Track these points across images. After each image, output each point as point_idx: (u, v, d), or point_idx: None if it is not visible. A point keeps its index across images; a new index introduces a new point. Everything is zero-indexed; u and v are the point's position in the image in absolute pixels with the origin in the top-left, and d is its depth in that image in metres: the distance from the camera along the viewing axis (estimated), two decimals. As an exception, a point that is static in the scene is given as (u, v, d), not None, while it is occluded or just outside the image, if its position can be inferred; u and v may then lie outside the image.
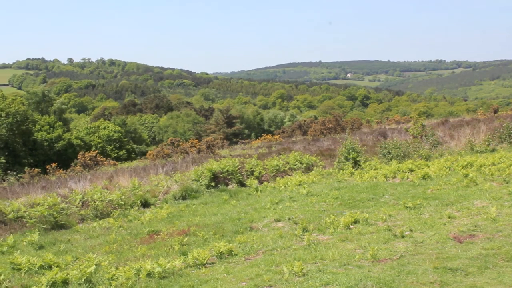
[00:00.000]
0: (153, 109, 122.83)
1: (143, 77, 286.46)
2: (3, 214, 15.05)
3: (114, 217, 15.20)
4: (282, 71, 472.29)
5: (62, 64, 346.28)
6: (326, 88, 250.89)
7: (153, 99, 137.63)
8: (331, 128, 46.81)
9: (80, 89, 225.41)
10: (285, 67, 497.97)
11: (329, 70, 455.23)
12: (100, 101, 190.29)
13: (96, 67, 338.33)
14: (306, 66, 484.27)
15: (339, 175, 18.61)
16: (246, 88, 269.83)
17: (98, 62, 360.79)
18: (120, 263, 9.78)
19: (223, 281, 8.11)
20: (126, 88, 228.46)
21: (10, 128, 64.02)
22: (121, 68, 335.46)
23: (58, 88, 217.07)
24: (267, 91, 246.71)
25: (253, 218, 12.92)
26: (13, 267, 9.93)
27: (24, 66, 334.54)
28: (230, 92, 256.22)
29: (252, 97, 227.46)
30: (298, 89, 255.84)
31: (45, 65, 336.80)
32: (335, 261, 8.44)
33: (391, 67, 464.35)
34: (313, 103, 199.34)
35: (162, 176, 21.19)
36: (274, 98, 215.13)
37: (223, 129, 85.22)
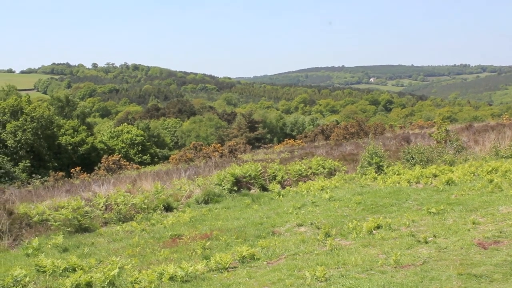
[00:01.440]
0: (176, 113, 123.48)
1: (166, 81, 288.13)
2: (29, 217, 15.23)
3: (137, 221, 15.29)
4: (305, 76, 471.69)
5: (87, 69, 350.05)
6: (349, 93, 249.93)
7: (176, 103, 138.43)
8: (353, 132, 46.58)
9: (104, 93, 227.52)
10: (307, 71, 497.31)
11: (352, 74, 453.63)
12: (124, 105, 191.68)
13: (120, 72, 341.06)
14: (329, 71, 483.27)
15: (362, 180, 18.51)
16: (268, 92, 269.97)
17: (122, 67, 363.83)
18: (143, 267, 9.83)
19: (245, 285, 8.11)
20: (149, 93, 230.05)
21: (35, 132, 64.84)
22: (144, 73, 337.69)
23: (83, 93, 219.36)
24: (289, 95, 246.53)
25: (276, 222, 12.90)
26: (38, 269, 10.03)
27: (49, 71, 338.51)
28: (253, 96, 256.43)
29: (275, 101, 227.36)
30: (320, 93, 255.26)
31: (70, 70, 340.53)
32: (358, 267, 8.40)
33: (414, 71, 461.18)
34: (336, 108, 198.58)
35: (185, 180, 21.26)
36: (296, 102, 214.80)
37: (246, 133, 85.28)
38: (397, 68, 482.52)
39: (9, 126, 64.48)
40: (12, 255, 12.34)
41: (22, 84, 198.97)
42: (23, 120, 64.71)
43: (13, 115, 66.48)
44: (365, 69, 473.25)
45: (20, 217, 15.09)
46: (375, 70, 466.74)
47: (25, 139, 63.81)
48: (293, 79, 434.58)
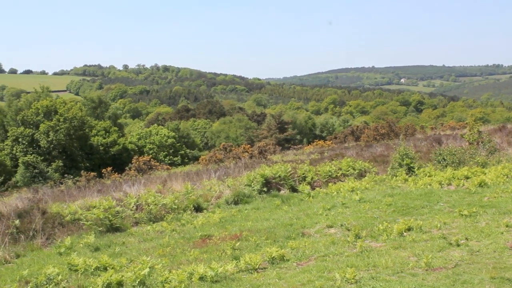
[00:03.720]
0: (206, 114, 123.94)
1: (196, 82, 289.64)
2: (61, 216, 15.45)
3: (168, 221, 15.40)
4: (335, 77, 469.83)
5: (118, 71, 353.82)
6: (379, 94, 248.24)
7: (206, 104, 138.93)
8: (384, 134, 46.26)
9: (134, 94, 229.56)
10: (337, 72, 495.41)
11: (382, 75, 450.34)
12: (154, 106, 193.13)
13: (151, 73, 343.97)
14: (359, 71, 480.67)
15: (393, 182, 18.38)
16: (298, 93, 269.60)
17: (153, 68, 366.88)
18: (173, 266, 9.89)
19: (275, 286, 8.11)
20: (179, 94, 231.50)
21: (68, 133, 65.71)
22: (174, 74, 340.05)
23: (114, 94, 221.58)
24: (319, 96, 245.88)
25: (305, 224, 12.88)
26: (70, 268, 10.18)
27: (81, 73, 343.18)
28: (282, 97, 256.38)
29: (304, 102, 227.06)
30: (350, 94, 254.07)
31: (101, 72, 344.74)
32: (388, 269, 8.33)
33: (446, 72, 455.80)
34: (366, 109, 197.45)
35: (215, 181, 21.35)
36: (326, 103, 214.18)
37: (275, 134, 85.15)
38: (428, 68, 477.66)
39: (42, 126, 65.44)
40: (45, 253, 12.55)
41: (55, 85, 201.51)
42: (56, 121, 65.62)
43: (47, 115, 67.47)
44: (395, 69, 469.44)
45: (53, 217, 15.32)
46: (405, 71, 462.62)
47: (57, 140, 64.70)
48: (323, 80, 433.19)
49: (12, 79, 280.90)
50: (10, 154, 64.76)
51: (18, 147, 65.13)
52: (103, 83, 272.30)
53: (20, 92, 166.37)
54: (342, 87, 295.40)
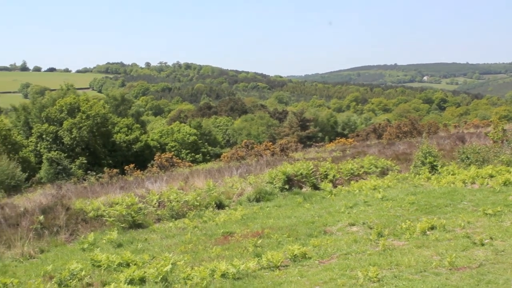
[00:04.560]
0: (228, 111, 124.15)
1: (218, 80, 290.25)
2: (84, 212, 15.58)
3: (190, 218, 15.45)
4: (357, 74, 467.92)
5: (140, 68, 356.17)
6: (402, 91, 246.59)
7: (228, 101, 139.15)
8: (406, 131, 45.99)
9: (157, 92, 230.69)
10: (359, 69, 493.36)
11: (404, 72, 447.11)
12: (176, 104, 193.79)
13: (172, 71, 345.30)
14: (381, 69, 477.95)
15: (415, 180, 18.24)
16: (320, 91, 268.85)
17: (174, 66, 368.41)
18: (195, 263, 9.93)
19: (297, 284, 8.10)
20: (201, 91, 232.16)
21: (91, 130, 66.29)
22: (196, 72, 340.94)
23: (136, 91, 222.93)
24: (341, 94, 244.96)
25: (327, 221, 12.84)
26: (93, 264, 10.27)
27: (104, 70, 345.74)
28: (304, 95, 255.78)
29: (326, 100, 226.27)
30: (373, 92, 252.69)
31: (123, 69, 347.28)
32: (411, 268, 8.27)
33: (469, 69, 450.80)
34: (388, 106, 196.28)
35: (237, 178, 21.36)
36: (348, 101, 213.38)
37: (297, 132, 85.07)
38: (451, 66, 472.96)
39: (66, 123, 66.08)
40: (68, 249, 12.67)
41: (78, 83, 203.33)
42: (80, 118, 66.22)
43: (70, 113, 68.10)
44: (418, 67, 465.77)
45: (76, 213, 15.47)
46: (428, 68, 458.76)
47: (80, 137, 65.29)
48: (345, 78, 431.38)
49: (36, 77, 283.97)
50: (34, 151, 65.53)
51: (42, 144, 65.89)
52: (125, 81, 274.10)
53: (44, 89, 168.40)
54: (364, 85, 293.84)
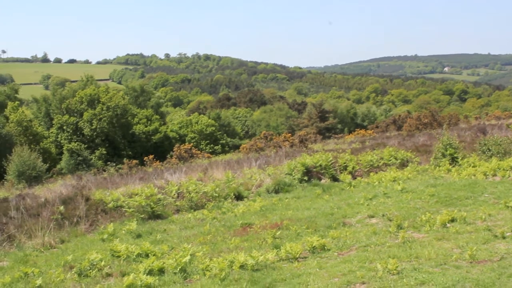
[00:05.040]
0: (247, 103, 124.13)
1: (237, 71, 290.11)
2: (104, 203, 15.68)
3: (208, 209, 15.49)
4: (377, 65, 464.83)
5: (159, 59, 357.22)
6: (422, 83, 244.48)
7: (247, 93, 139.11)
8: (426, 123, 45.69)
9: (176, 83, 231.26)
10: (379, 61, 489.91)
11: (425, 63, 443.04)
12: (195, 95, 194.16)
13: (192, 62, 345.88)
14: (401, 60, 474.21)
15: (436, 172, 18.11)
16: (339, 82, 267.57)
17: (194, 57, 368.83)
18: (214, 254, 9.95)
19: (316, 275, 8.07)
20: (220, 83, 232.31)
21: (110, 121, 66.64)
22: (215, 63, 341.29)
23: (156, 83, 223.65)
24: (360, 85, 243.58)
25: (346, 213, 12.80)
26: (113, 254, 10.33)
27: (123, 62, 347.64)
28: (323, 86, 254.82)
29: (346, 91, 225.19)
30: (392, 83, 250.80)
31: (143, 60, 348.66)
32: (431, 260, 8.20)
33: (491, 60, 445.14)
34: (408, 98, 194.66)
35: (255, 170, 21.37)
36: (368, 92, 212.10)
37: (316, 123, 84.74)
38: (472, 56, 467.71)
39: (86, 114, 66.50)
40: (88, 239, 12.76)
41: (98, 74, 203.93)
42: (100, 109, 66.61)
43: (90, 104, 68.52)
44: (439, 58, 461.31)
45: (96, 203, 15.57)
46: (449, 59, 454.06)
47: (100, 128, 65.68)
48: (365, 69, 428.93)
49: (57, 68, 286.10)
50: (55, 142, 66.10)
51: (62, 135, 66.42)
52: (145, 72, 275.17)
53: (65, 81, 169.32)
54: (384, 76, 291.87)
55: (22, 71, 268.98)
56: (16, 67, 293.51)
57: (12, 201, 16.88)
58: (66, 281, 8.99)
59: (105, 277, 9.15)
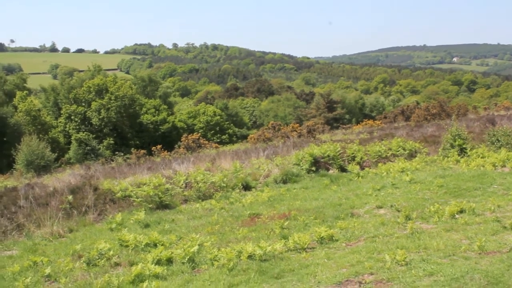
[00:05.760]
0: (255, 93, 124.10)
1: (245, 61, 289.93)
2: (112, 192, 15.73)
3: (216, 199, 15.49)
4: (385, 55, 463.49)
5: (167, 49, 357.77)
6: (431, 73, 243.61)
7: (255, 83, 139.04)
8: (435, 114, 45.55)
9: (184, 73, 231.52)
10: (388, 51, 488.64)
11: (433, 54, 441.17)
12: (203, 85, 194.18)
13: (200, 52, 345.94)
14: (410, 50, 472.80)
15: (444, 163, 18.05)
16: (347, 72, 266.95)
17: (202, 47, 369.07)
18: (222, 244, 9.95)
19: (324, 266, 8.06)
20: (228, 72, 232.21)
21: (118, 111, 66.78)
22: (223, 53, 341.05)
23: (163, 72, 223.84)
24: (369, 75, 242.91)
25: (354, 204, 12.77)
26: (121, 244, 10.36)
27: (131, 51, 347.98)
28: (331, 76, 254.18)
29: (354, 81, 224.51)
30: (401, 73, 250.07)
31: (151, 50, 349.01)
32: (440, 251, 8.17)
33: (501, 50, 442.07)
34: (417, 88, 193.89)
35: (263, 160, 21.36)
36: (376, 82, 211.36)
37: (324, 113, 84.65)
38: (482, 47, 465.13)
39: (94, 104, 66.64)
40: (97, 229, 12.81)
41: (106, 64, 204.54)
42: (108, 99, 66.73)
43: (98, 93, 68.65)
44: (447, 48, 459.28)
45: (105, 193, 15.62)
46: (458, 49, 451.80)
47: (108, 117, 65.84)
48: (373, 59, 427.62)
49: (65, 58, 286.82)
50: (63, 131, 66.37)
51: (71, 125, 66.67)
52: (153, 62, 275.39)
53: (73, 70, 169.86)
54: (392, 66, 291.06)
55: (31, 60, 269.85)
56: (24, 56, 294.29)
57: (21, 190, 16.99)
58: (75, 270, 9.04)
59: (113, 266, 9.18)
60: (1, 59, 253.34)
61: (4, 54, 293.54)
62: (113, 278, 8.20)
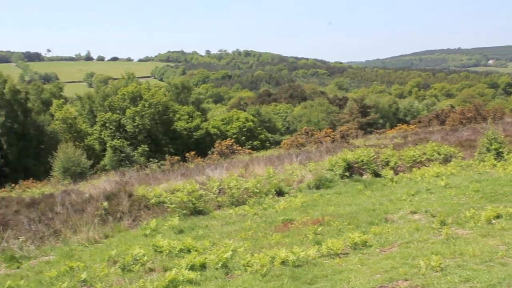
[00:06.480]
0: (288, 98, 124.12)
1: (277, 67, 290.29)
2: (146, 199, 15.87)
3: (250, 205, 15.50)
4: (419, 59, 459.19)
5: (200, 56, 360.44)
6: (466, 76, 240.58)
7: (288, 88, 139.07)
8: (470, 117, 44.89)
9: (217, 79, 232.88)
10: (421, 54, 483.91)
11: (469, 56, 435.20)
12: (236, 91, 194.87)
13: (232, 58, 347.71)
14: (444, 53, 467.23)
15: (480, 167, 17.75)
16: (381, 76, 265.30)
17: (234, 53, 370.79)
18: (255, 250, 9.96)
19: (357, 272, 8.02)
20: (261, 78, 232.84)
21: (152, 118, 67.43)
22: (256, 59, 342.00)
23: (196, 79, 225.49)
24: (402, 79, 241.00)
25: (388, 209, 12.65)
26: (155, 249, 10.46)
27: (165, 59, 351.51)
28: (365, 81, 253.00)
29: (387, 86, 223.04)
30: (435, 77, 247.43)
31: (184, 57, 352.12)
32: (476, 257, 8.05)
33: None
34: (451, 92, 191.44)
35: (296, 165, 21.32)
36: (410, 86, 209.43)
37: (357, 118, 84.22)
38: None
39: (129, 111, 67.43)
40: (131, 234, 12.94)
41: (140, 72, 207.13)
42: (142, 106, 67.44)
43: (133, 101, 69.44)
44: (483, 50, 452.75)
45: (139, 199, 15.77)
46: (494, 52, 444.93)
47: (142, 124, 66.51)
48: (406, 63, 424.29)
49: (100, 66, 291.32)
50: (98, 139, 67.27)
51: (106, 132, 67.56)
52: (186, 69, 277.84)
53: (108, 78, 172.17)
54: (426, 70, 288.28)
55: (67, 69, 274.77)
56: (60, 65, 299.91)
57: (58, 197, 17.26)
58: (110, 276, 9.15)
59: (147, 272, 9.26)
60: (39, 69, 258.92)
61: (41, 64, 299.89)
62: (147, 283, 8.28)
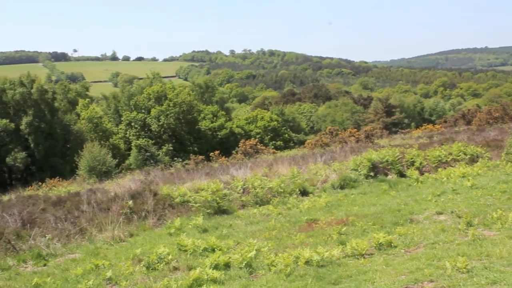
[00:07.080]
0: (312, 98, 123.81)
1: (301, 66, 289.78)
2: (171, 198, 15.97)
3: (274, 204, 15.50)
4: (445, 58, 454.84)
5: (225, 56, 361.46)
6: (493, 75, 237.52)
7: (312, 88, 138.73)
8: (497, 117, 44.37)
9: (241, 79, 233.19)
10: (447, 53, 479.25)
11: (496, 56, 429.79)
12: (260, 90, 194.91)
13: (256, 58, 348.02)
14: (471, 52, 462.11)
15: (507, 168, 17.52)
16: (406, 76, 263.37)
17: (258, 53, 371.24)
18: (279, 250, 9.95)
19: (382, 272, 7.96)
20: (285, 78, 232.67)
21: (177, 117, 67.77)
22: (280, 59, 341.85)
23: (221, 79, 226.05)
24: (428, 79, 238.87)
25: (414, 209, 12.55)
26: (180, 248, 10.51)
27: (189, 59, 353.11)
28: (390, 80, 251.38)
29: (412, 85, 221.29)
30: (461, 76, 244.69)
31: (209, 57, 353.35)
32: (503, 259, 7.94)
33: None
34: (478, 91, 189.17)
35: (321, 165, 21.27)
36: (435, 86, 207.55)
37: (382, 118, 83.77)
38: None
39: (154, 111, 67.85)
40: (156, 233, 13.02)
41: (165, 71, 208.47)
42: (167, 106, 67.82)
43: (157, 100, 69.87)
44: (510, 49, 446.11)
45: (164, 198, 15.87)
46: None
47: (167, 124, 66.88)
48: (432, 62, 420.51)
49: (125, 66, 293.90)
50: (124, 138, 67.81)
51: (131, 131, 68.08)
52: (210, 68, 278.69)
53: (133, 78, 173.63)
54: (452, 69, 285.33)
55: (93, 69, 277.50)
56: (86, 65, 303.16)
57: (83, 196, 17.47)
58: (135, 274, 9.22)
59: (172, 270, 9.31)
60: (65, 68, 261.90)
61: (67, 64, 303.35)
62: (171, 282, 8.32)
